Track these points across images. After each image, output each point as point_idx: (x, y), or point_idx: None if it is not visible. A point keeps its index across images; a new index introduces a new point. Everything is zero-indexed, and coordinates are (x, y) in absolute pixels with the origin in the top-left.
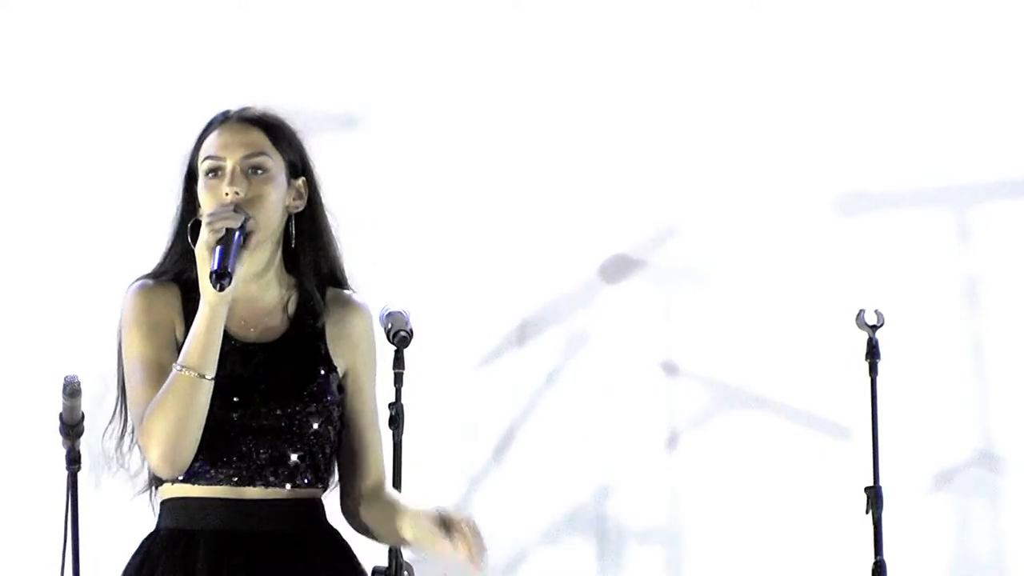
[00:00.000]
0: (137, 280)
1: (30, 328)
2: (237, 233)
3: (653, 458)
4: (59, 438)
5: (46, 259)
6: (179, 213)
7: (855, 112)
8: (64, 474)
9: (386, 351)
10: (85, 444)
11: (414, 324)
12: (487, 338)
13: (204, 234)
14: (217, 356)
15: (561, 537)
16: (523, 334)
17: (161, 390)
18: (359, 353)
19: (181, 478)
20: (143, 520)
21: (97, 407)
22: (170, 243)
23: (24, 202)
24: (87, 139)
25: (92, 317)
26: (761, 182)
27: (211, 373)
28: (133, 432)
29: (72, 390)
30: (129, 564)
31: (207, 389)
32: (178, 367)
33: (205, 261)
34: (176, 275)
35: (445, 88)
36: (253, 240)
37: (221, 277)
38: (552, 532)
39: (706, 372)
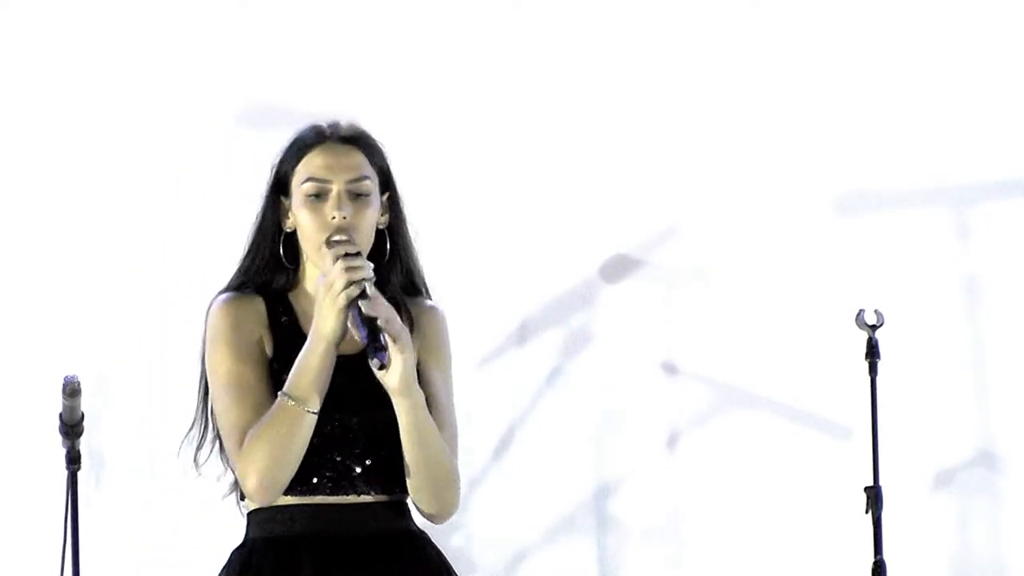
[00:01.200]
0: (220, 293)
1: (30, 328)
2: (367, 287)
3: (653, 458)
4: (59, 438)
5: (46, 259)
6: (260, 223)
7: (855, 112)
8: (64, 474)
9: None
10: (85, 444)
11: None
12: (487, 337)
13: (340, 281)
14: (325, 390)
15: (561, 537)
16: (523, 334)
17: (264, 417)
18: (423, 344)
19: None
20: (143, 519)
21: (98, 407)
22: (250, 253)
23: (23, 202)
24: (86, 139)
25: (92, 317)
26: (761, 182)
27: (316, 407)
28: (215, 441)
29: (72, 390)
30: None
31: (311, 423)
32: (284, 396)
33: (332, 302)
34: (259, 286)
35: (444, 88)
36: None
37: (380, 351)
38: (552, 532)
39: (706, 372)
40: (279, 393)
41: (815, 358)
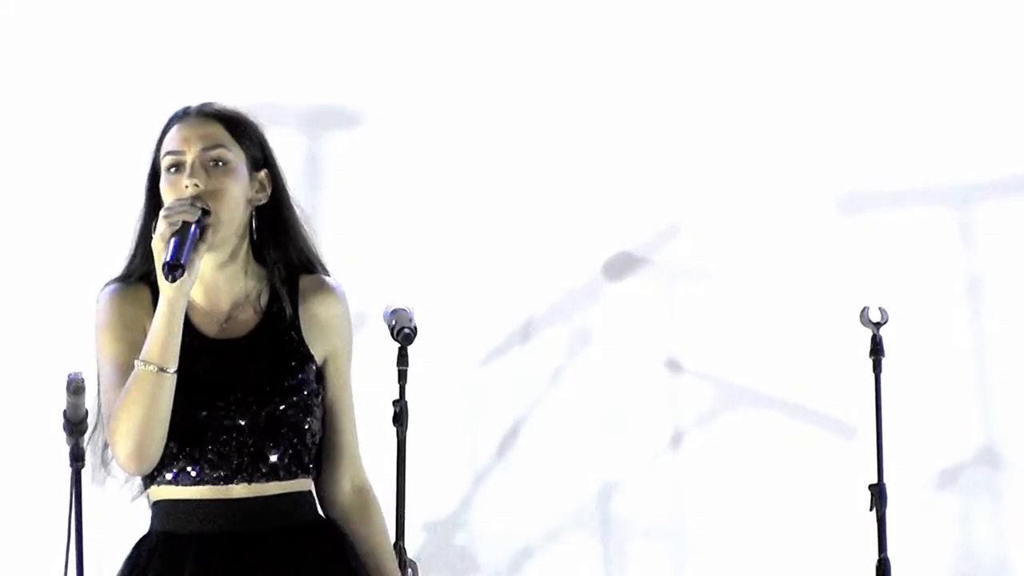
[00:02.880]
0: (107, 284)
1: (33, 325)
2: (194, 227)
3: (657, 456)
4: (62, 435)
5: (49, 256)
6: (144, 213)
7: (858, 111)
8: (67, 471)
9: (390, 348)
10: (88, 441)
11: (418, 321)
12: (491, 335)
13: (160, 227)
14: (178, 350)
15: (565, 535)
16: (527, 332)
17: (125, 387)
18: (336, 337)
19: (168, 479)
20: (147, 517)
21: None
22: (135, 243)
23: (24, 200)
24: (86, 137)
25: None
26: (764, 180)
27: (173, 367)
28: None
29: (76, 387)
30: (122, 566)
31: (170, 383)
32: (140, 363)
33: (160, 254)
34: (144, 275)
35: (448, 86)
36: (211, 233)
37: (173, 269)
38: (556, 530)
39: (710, 370)
40: (135, 361)
41: (819, 356)
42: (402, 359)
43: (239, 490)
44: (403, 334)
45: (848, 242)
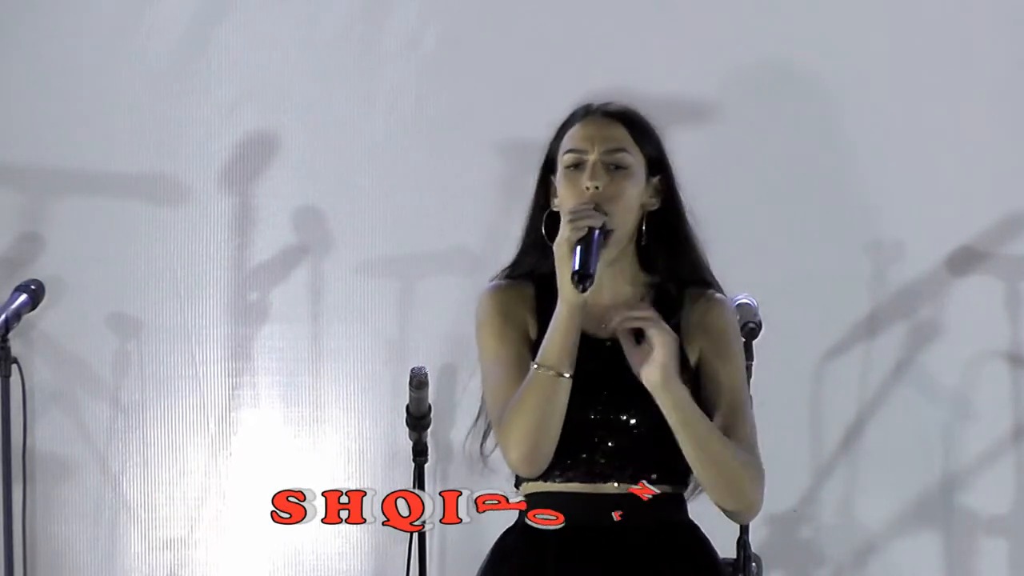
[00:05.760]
0: (492, 281)
1: (379, 321)
2: (597, 232)
3: (1000, 449)
4: (405, 430)
5: (395, 257)
6: (532, 205)
7: None
8: (411, 466)
9: None
10: (432, 436)
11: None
12: (834, 329)
13: (565, 231)
14: (575, 355)
15: (908, 529)
16: (872, 326)
17: (519, 389)
18: (709, 337)
19: (541, 474)
20: (489, 513)
21: (444, 400)
22: (523, 236)
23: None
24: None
25: (439, 310)
26: None
27: (569, 372)
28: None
29: (419, 382)
30: (487, 558)
31: (565, 388)
32: (536, 366)
33: (564, 259)
34: (529, 271)
35: (774, 79)
36: (610, 239)
37: (584, 279)
38: (899, 524)
39: None
40: (532, 364)
41: None
42: (747, 353)
43: (608, 488)
44: (748, 328)
45: None
